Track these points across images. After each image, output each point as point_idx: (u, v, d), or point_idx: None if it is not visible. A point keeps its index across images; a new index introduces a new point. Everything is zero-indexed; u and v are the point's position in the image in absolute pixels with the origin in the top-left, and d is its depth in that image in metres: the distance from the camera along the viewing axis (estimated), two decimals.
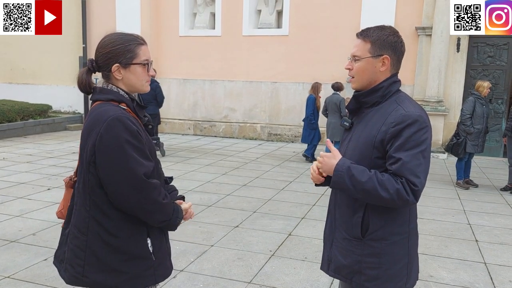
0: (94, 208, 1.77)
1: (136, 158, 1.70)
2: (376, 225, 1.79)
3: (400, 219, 1.81)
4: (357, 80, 1.86)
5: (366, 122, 1.83)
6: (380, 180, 1.68)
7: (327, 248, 1.99)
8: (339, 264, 1.90)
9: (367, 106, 1.86)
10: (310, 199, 5.90)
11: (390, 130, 1.71)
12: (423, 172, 1.70)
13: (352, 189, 1.72)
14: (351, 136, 1.90)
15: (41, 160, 7.96)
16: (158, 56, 11.94)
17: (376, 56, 1.80)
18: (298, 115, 11.07)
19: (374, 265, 1.81)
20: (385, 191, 1.67)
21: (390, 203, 1.71)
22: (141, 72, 1.83)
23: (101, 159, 1.71)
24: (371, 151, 1.76)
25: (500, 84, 9.81)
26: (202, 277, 3.54)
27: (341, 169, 1.74)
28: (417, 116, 1.71)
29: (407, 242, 1.84)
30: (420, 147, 1.69)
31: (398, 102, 1.79)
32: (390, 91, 1.83)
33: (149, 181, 1.73)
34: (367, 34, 1.82)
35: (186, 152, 9.32)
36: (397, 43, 1.84)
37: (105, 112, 1.73)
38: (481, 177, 7.71)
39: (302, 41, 10.97)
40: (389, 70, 1.84)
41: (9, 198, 5.54)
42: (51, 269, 3.53)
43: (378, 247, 1.80)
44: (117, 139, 1.68)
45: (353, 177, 1.71)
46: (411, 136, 1.68)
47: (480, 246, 4.49)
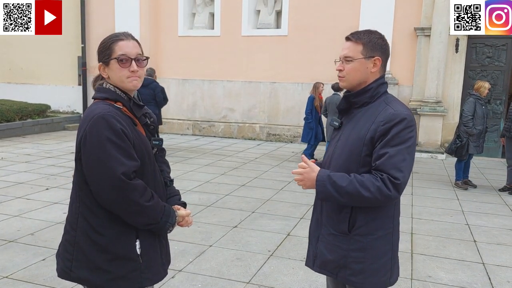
0: (83, 205, 1.78)
1: (115, 157, 1.68)
2: (362, 220, 1.85)
3: (385, 214, 1.88)
4: (348, 79, 1.93)
5: (355, 121, 1.91)
6: (360, 181, 1.76)
7: (313, 244, 2.05)
8: (324, 259, 1.96)
9: (356, 107, 1.94)
10: (309, 199, 5.90)
11: (380, 128, 1.79)
12: (406, 167, 1.76)
13: (336, 195, 1.78)
14: (340, 136, 1.97)
15: (39, 160, 7.96)
16: (157, 56, 11.94)
17: (368, 58, 1.87)
18: (297, 115, 11.08)
19: (359, 259, 1.87)
20: (367, 191, 1.74)
21: (374, 202, 1.77)
22: (118, 68, 1.80)
23: (84, 156, 1.73)
24: (360, 149, 1.83)
25: (498, 85, 9.83)
26: (200, 277, 3.54)
27: (322, 178, 1.81)
28: (405, 115, 1.80)
29: (391, 237, 1.92)
30: (406, 144, 1.77)
31: (387, 103, 1.87)
32: (378, 92, 1.90)
33: (128, 181, 1.69)
34: (358, 36, 1.89)
35: (185, 152, 9.32)
36: (386, 46, 1.92)
37: (94, 110, 1.75)
38: (479, 178, 7.72)
39: (301, 41, 10.97)
40: (379, 70, 1.91)
41: (7, 198, 5.54)
42: (49, 269, 3.53)
43: (364, 242, 1.86)
44: (98, 136, 1.69)
45: (334, 184, 1.78)
46: (398, 133, 1.77)
47: (479, 246, 4.49)
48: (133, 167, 1.73)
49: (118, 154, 1.69)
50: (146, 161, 1.82)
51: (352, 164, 1.85)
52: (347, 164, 1.86)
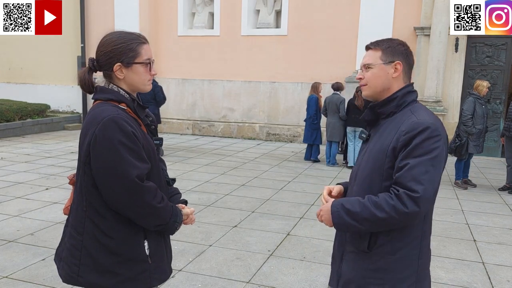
0: (90, 209, 1.76)
1: (129, 160, 1.67)
2: (384, 239, 1.73)
3: (410, 234, 1.73)
4: (369, 87, 1.85)
5: (381, 133, 1.81)
6: (374, 203, 1.65)
7: (337, 263, 1.94)
8: (346, 279, 1.86)
9: (383, 117, 1.85)
10: (309, 199, 5.91)
11: (402, 138, 1.67)
12: (428, 181, 1.61)
13: (355, 224, 1.69)
14: (366, 148, 1.88)
15: (39, 160, 7.95)
16: (156, 56, 11.92)
17: (388, 63, 1.80)
18: (296, 115, 11.08)
19: (378, 281, 1.75)
20: (382, 211, 1.62)
21: (394, 223, 1.64)
22: (143, 72, 1.81)
23: (94, 160, 1.70)
24: (383, 161, 1.72)
25: (498, 84, 9.83)
26: (200, 277, 3.54)
27: (336, 209, 1.73)
28: (429, 123, 1.66)
29: (417, 260, 1.75)
30: (429, 155, 1.63)
31: (412, 111, 1.76)
32: (405, 101, 1.80)
33: (142, 184, 1.69)
34: (377, 44, 1.84)
35: (184, 152, 9.32)
36: (407, 52, 1.83)
37: (101, 112, 1.71)
38: (479, 177, 7.73)
39: (300, 41, 10.97)
40: (401, 77, 1.82)
41: (7, 198, 5.53)
42: (49, 269, 3.53)
43: (383, 262, 1.74)
44: (110, 140, 1.66)
45: (349, 212, 1.69)
46: (421, 144, 1.64)
47: (478, 246, 4.49)
48: (146, 169, 1.73)
49: (131, 157, 1.68)
50: (152, 162, 1.81)
51: (375, 178, 1.75)
52: (370, 177, 1.77)
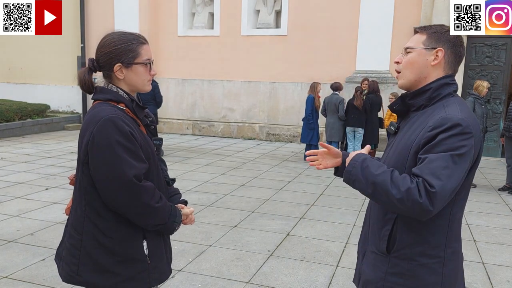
0: (89, 209, 1.76)
1: (126, 160, 1.68)
2: (403, 242, 1.62)
3: (433, 240, 1.60)
4: (404, 75, 1.68)
5: (409, 127, 1.66)
6: (394, 177, 1.51)
7: (359, 260, 1.87)
8: (366, 279, 1.78)
9: (413, 109, 1.69)
10: (309, 199, 5.91)
11: (426, 134, 1.53)
12: (448, 177, 1.45)
13: (362, 180, 1.56)
14: (393, 142, 1.74)
15: (39, 160, 7.95)
16: (156, 56, 11.92)
17: (429, 48, 1.63)
18: (296, 115, 11.07)
19: (397, 286, 1.65)
20: (396, 188, 1.47)
21: (399, 205, 1.48)
22: (143, 72, 1.82)
23: (92, 160, 1.71)
24: (406, 158, 1.59)
25: (498, 85, 9.83)
26: (200, 277, 3.54)
27: (357, 158, 1.62)
28: (459, 119, 1.49)
29: (441, 268, 1.61)
30: (453, 152, 1.47)
31: (444, 106, 1.58)
32: (439, 94, 1.62)
33: (139, 183, 1.70)
34: (425, 28, 1.68)
35: (184, 152, 9.32)
36: (456, 41, 1.65)
37: (99, 112, 1.72)
38: (479, 177, 7.72)
39: (300, 41, 10.97)
40: (442, 67, 1.64)
41: (7, 198, 5.53)
42: (49, 269, 3.53)
43: (403, 267, 1.63)
44: (107, 140, 1.67)
45: (366, 168, 1.56)
46: (446, 139, 1.48)
47: (478, 246, 4.50)
48: (143, 169, 1.74)
49: (128, 156, 1.69)
50: (151, 162, 1.82)
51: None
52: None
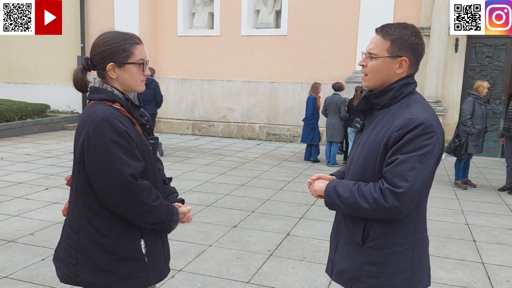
0: (86, 208, 1.76)
1: (122, 158, 1.68)
2: (377, 233, 1.73)
3: (403, 230, 1.72)
4: (370, 78, 1.77)
5: (374, 125, 1.76)
6: (361, 191, 1.66)
7: (332, 252, 1.95)
8: (340, 269, 1.87)
9: (377, 108, 1.78)
10: (309, 199, 5.90)
11: (394, 135, 1.63)
12: (414, 177, 1.58)
13: (342, 207, 1.72)
14: (360, 139, 1.84)
15: (39, 159, 7.95)
16: (156, 56, 11.94)
17: (394, 57, 1.70)
18: (296, 115, 11.07)
19: (374, 273, 1.75)
20: (365, 202, 1.64)
21: (375, 214, 1.66)
22: (136, 72, 1.82)
23: (88, 159, 1.71)
24: (375, 156, 1.69)
25: (498, 85, 9.83)
26: (200, 277, 3.54)
27: (329, 189, 1.76)
28: (423, 119, 1.61)
29: (411, 253, 1.74)
30: (419, 151, 1.59)
31: (408, 105, 1.69)
32: (402, 92, 1.72)
33: (135, 182, 1.70)
34: (387, 31, 1.71)
35: (184, 152, 9.32)
36: (418, 45, 1.72)
37: (95, 112, 1.73)
38: (479, 177, 7.72)
39: (300, 41, 10.97)
40: (406, 72, 1.74)
41: (7, 197, 5.53)
42: (49, 269, 3.53)
43: (379, 256, 1.74)
44: (103, 139, 1.67)
45: (339, 195, 1.71)
46: (412, 140, 1.59)
47: (478, 246, 4.50)
48: (139, 168, 1.74)
49: (124, 155, 1.69)
50: (147, 161, 1.82)
51: (368, 172, 1.73)
52: (363, 170, 1.74)
